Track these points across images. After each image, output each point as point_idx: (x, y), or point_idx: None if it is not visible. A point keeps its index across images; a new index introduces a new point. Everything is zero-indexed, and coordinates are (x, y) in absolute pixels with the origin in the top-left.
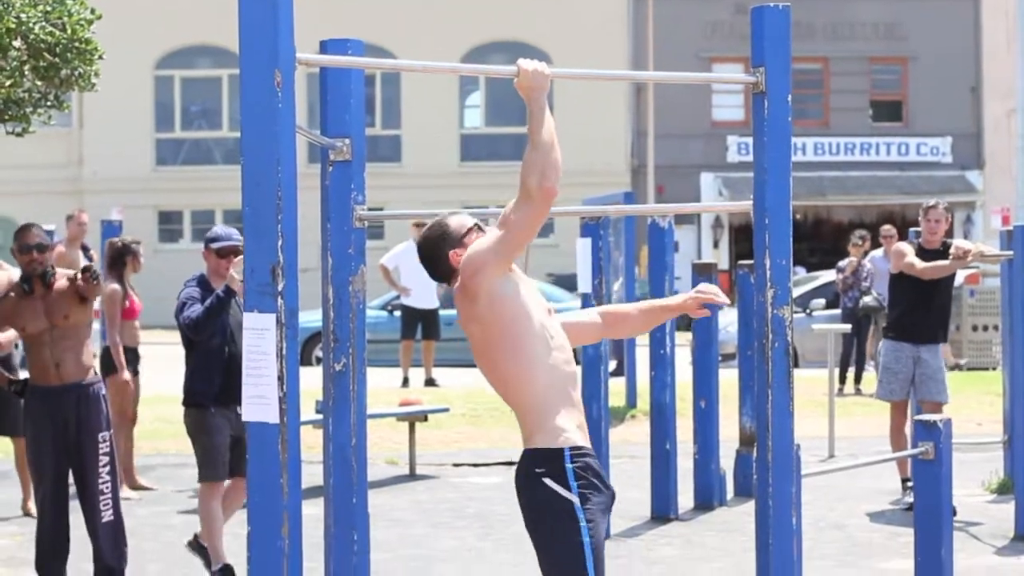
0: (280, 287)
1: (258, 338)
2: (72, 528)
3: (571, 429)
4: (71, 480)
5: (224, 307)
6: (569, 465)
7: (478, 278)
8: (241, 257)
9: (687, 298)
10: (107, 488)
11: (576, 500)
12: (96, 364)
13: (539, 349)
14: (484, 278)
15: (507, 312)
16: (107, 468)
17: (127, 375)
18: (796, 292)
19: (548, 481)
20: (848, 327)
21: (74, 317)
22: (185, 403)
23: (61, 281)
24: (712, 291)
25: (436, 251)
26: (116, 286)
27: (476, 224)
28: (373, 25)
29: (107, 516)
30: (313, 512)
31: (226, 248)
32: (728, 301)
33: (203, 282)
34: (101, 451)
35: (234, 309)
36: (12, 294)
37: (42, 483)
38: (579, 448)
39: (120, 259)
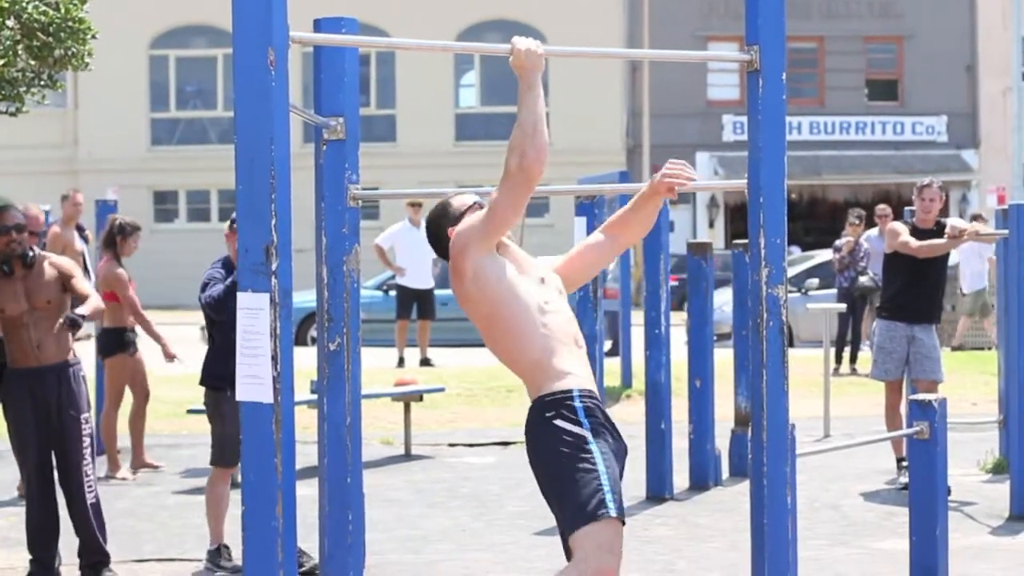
0: (274, 267)
1: (252, 318)
2: (61, 508)
3: (579, 373)
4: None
5: None
6: (579, 404)
7: (464, 257)
8: None
9: (656, 181)
10: (89, 470)
11: (588, 434)
12: (78, 345)
13: (531, 319)
14: (469, 256)
15: (491, 291)
16: (88, 450)
17: (171, 350)
18: (792, 271)
19: (559, 422)
20: (843, 306)
21: (56, 301)
22: (202, 383)
23: (44, 265)
24: (677, 169)
25: (438, 229)
26: (120, 270)
27: (477, 202)
28: (368, 4)
29: (91, 498)
30: (308, 492)
31: None
32: (696, 177)
33: (227, 263)
34: (84, 432)
35: None
36: None
37: (27, 465)
38: (588, 391)
39: (111, 236)
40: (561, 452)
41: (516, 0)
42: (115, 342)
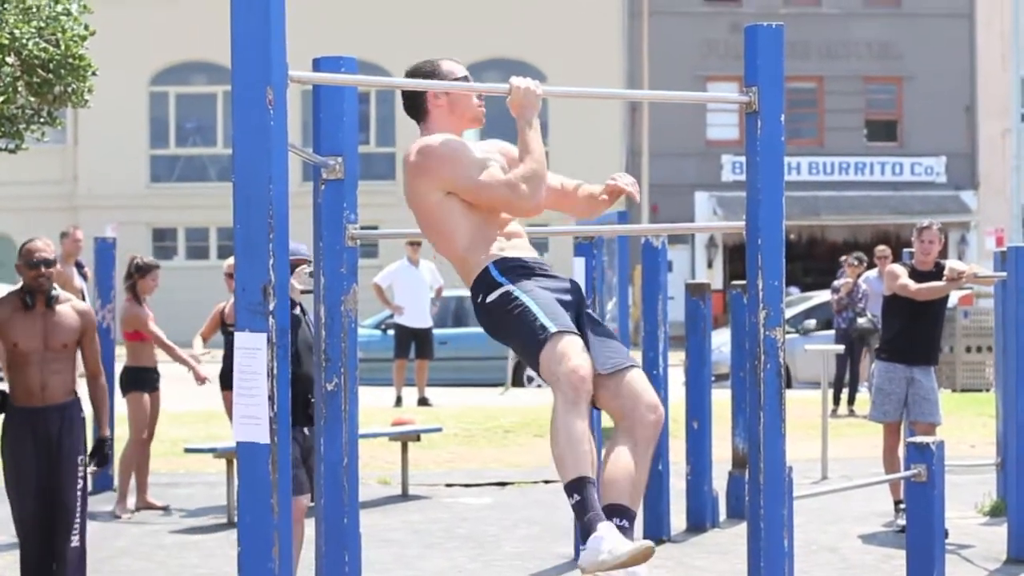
0: (271, 306)
1: (249, 357)
2: None
3: (495, 251)
4: None
5: None
6: (495, 271)
7: (419, 176)
8: (303, 267)
9: (605, 186)
10: (78, 514)
11: (509, 286)
12: (80, 384)
13: (463, 227)
14: (424, 181)
15: (428, 210)
16: (80, 492)
17: (202, 373)
18: (790, 312)
19: (488, 298)
20: (841, 348)
21: (72, 347)
22: None
23: (65, 307)
24: (622, 184)
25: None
26: (139, 309)
27: (466, 76)
28: (367, 42)
29: (74, 541)
30: (305, 533)
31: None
32: (637, 198)
33: None
34: (78, 474)
35: (303, 330)
36: (10, 306)
37: (24, 504)
38: (503, 258)
39: (130, 276)
40: (502, 316)
41: (516, 40)
42: (135, 380)
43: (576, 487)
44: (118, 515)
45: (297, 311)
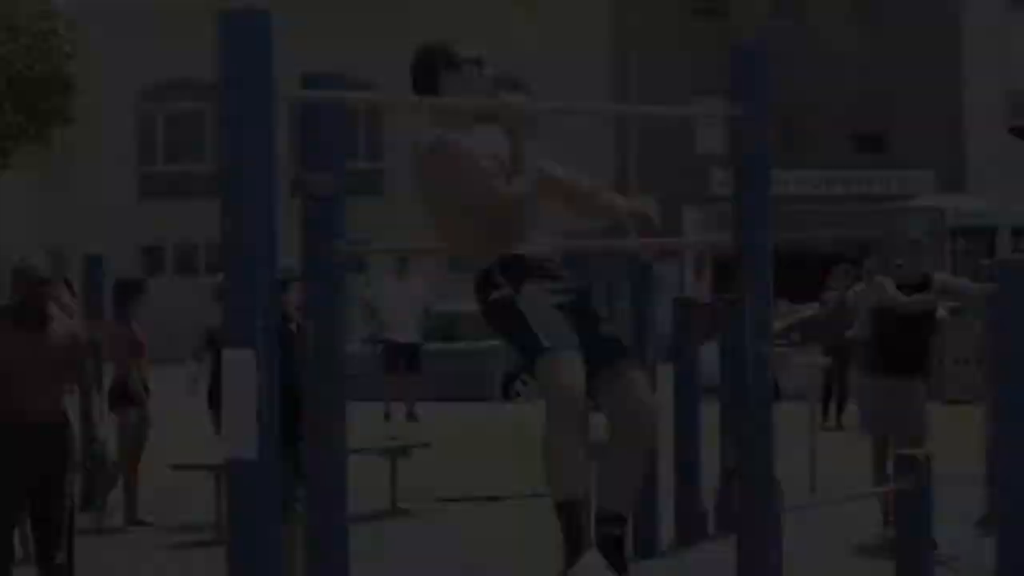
0: (259, 323)
1: (238, 374)
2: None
3: (499, 247)
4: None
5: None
6: (496, 273)
7: (430, 175)
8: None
9: (628, 214)
10: (63, 531)
11: (507, 290)
12: (79, 399)
13: (469, 222)
14: (431, 180)
15: (437, 205)
16: (66, 512)
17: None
18: (778, 325)
19: (489, 298)
20: (829, 360)
21: (62, 364)
22: None
23: (57, 325)
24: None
25: (430, 64)
26: (103, 330)
27: (479, 57)
28: (355, 58)
29: (60, 559)
30: None
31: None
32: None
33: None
34: (66, 491)
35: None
36: (2, 320)
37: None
38: (504, 257)
39: (122, 296)
40: (501, 321)
41: (506, 55)
42: (123, 395)
43: (564, 510)
44: (98, 527)
45: (294, 327)
